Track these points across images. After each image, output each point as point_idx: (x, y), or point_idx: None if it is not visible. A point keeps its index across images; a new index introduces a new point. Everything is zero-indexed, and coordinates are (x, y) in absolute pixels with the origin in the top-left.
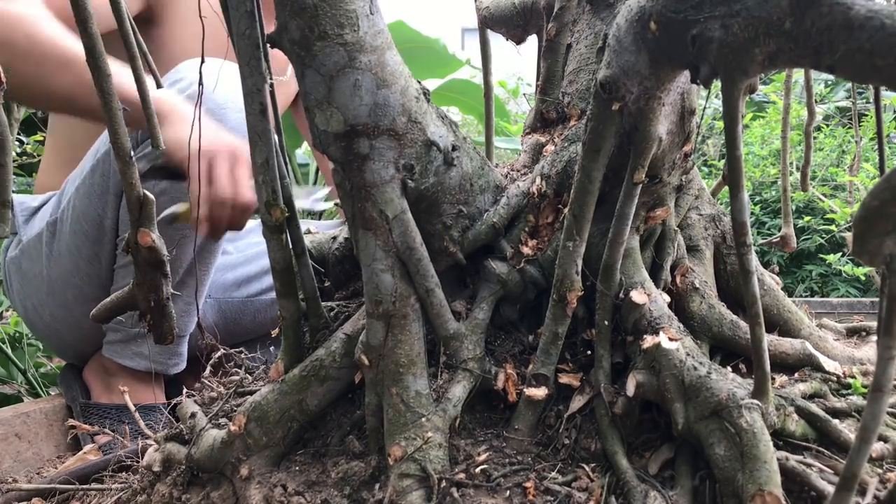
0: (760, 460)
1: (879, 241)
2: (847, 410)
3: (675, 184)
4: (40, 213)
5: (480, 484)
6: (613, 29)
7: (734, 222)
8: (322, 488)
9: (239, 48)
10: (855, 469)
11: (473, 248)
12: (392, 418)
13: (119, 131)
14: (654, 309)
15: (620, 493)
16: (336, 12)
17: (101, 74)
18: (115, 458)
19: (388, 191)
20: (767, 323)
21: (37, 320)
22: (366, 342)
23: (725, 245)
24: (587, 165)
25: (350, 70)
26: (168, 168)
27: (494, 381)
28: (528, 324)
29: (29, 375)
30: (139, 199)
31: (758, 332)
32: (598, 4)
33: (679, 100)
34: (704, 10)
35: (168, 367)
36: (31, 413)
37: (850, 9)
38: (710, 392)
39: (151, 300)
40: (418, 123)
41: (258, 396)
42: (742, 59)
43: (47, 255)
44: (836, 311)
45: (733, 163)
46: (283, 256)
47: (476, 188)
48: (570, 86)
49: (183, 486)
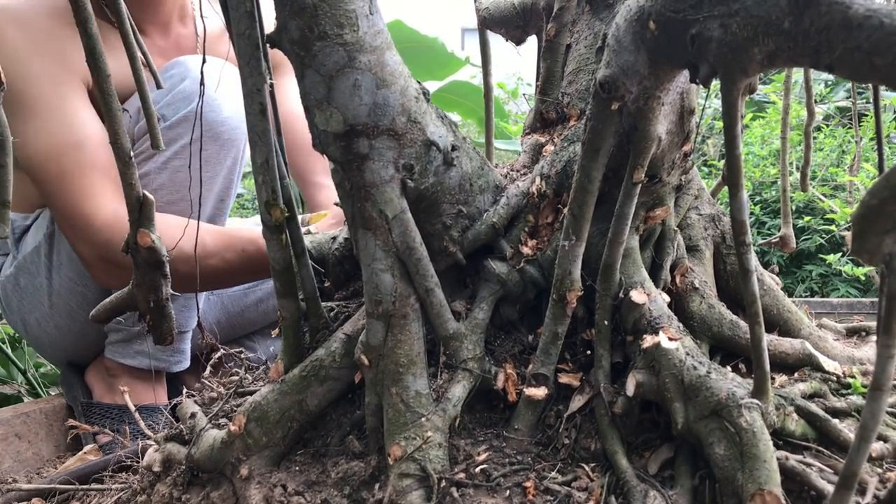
0: (760, 460)
1: (879, 240)
2: (847, 410)
3: (675, 183)
4: (33, 228)
5: (480, 484)
6: (612, 29)
7: (734, 221)
8: (322, 488)
9: (239, 48)
10: (854, 468)
11: (473, 248)
12: (392, 418)
13: (119, 131)
14: (653, 309)
15: (620, 492)
16: (336, 12)
17: (101, 74)
18: (115, 459)
19: (388, 191)
20: (767, 323)
21: (41, 335)
22: (366, 342)
23: (725, 245)
24: (586, 165)
25: (350, 70)
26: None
27: (494, 381)
28: (527, 324)
29: (29, 375)
30: (139, 199)
31: (757, 332)
32: (597, 5)
33: (678, 99)
34: (703, 10)
35: (171, 364)
36: (31, 413)
37: (848, 8)
38: (710, 392)
39: (151, 300)
40: (418, 123)
41: (258, 396)
42: (741, 59)
43: (48, 267)
44: (836, 311)
45: (733, 162)
46: (283, 256)
47: (476, 188)
48: (569, 86)
49: (183, 486)
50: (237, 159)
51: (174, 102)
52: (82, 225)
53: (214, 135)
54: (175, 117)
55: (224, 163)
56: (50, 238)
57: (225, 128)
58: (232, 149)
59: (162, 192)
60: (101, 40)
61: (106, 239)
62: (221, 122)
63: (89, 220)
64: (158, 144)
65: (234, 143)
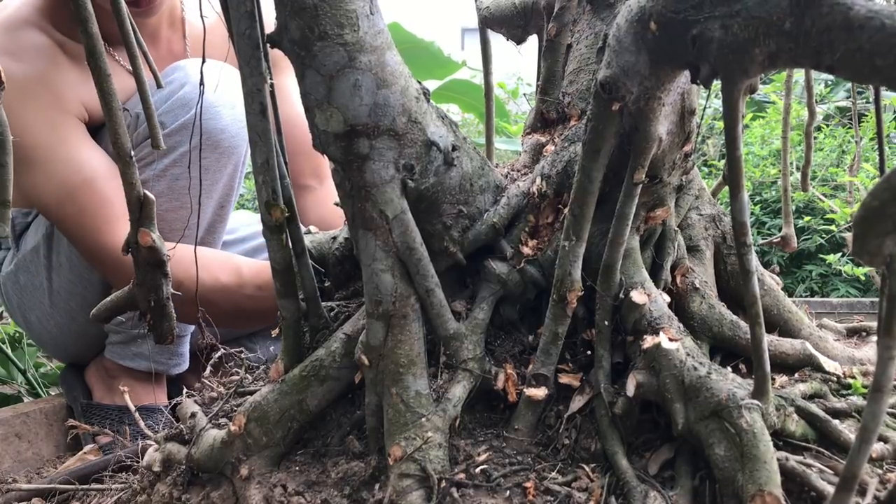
0: (760, 460)
1: (879, 242)
2: (847, 411)
3: (676, 184)
4: (33, 227)
5: (480, 484)
6: (613, 29)
7: (734, 222)
8: (322, 488)
9: (239, 48)
10: (855, 469)
11: (473, 249)
12: (392, 418)
13: (119, 131)
14: (654, 309)
15: (620, 493)
16: (336, 12)
17: (101, 74)
18: (115, 459)
19: (388, 191)
20: (767, 323)
21: (42, 332)
22: (366, 342)
23: (725, 245)
24: (587, 165)
25: (350, 70)
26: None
27: (494, 381)
28: (528, 324)
29: (29, 375)
30: (139, 199)
31: (758, 333)
32: (598, 4)
33: (679, 100)
34: (704, 11)
35: (169, 367)
36: (31, 413)
37: (850, 9)
38: (710, 392)
39: (151, 300)
40: (418, 123)
41: (258, 396)
42: (742, 60)
43: (47, 267)
44: (836, 311)
45: (733, 163)
46: (283, 256)
47: (476, 188)
48: (570, 86)
49: (183, 486)
50: (237, 166)
51: (173, 109)
52: (109, 259)
53: (214, 143)
54: (174, 125)
55: (224, 170)
56: (48, 239)
57: (225, 136)
58: (232, 156)
59: (161, 199)
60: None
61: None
62: (221, 129)
63: (113, 254)
64: (159, 144)
65: (234, 150)
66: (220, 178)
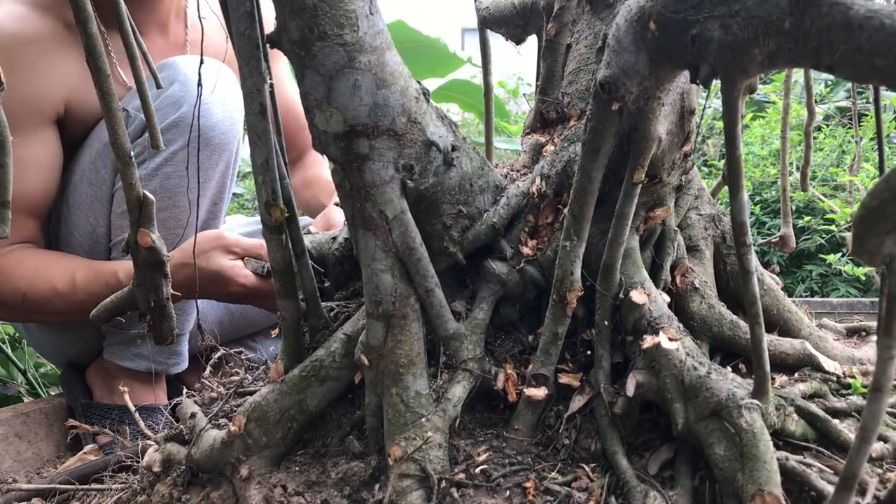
0: (760, 460)
1: (879, 241)
2: (847, 410)
3: (675, 184)
4: None
5: (480, 484)
6: (613, 29)
7: (734, 222)
8: (322, 488)
9: (239, 48)
10: (855, 469)
11: (473, 249)
12: (392, 418)
13: (119, 131)
14: (653, 309)
15: (620, 493)
16: (336, 12)
17: (101, 74)
18: (115, 459)
19: (388, 191)
20: (767, 323)
21: (40, 336)
22: (366, 342)
23: (725, 245)
24: (587, 165)
25: (350, 70)
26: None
27: (494, 381)
28: (528, 324)
29: (29, 375)
30: (139, 199)
31: (758, 332)
32: (597, 4)
33: (679, 100)
34: (704, 10)
35: (168, 366)
36: (31, 413)
37: (849, 9)
38: (710, 392)
39: (151, 300)
40: (418, 123)
41: (258, 397)
42: (741, 59)
43: None
44: (836, 311)
45: (733, 163)
46: (282, 256)
47: (476, 188)
48: (569, 86)
49: (183, 486)
50: (230, 163)
51: (162, 108)
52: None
53: (206, 140)
54: (164, 123)
55: (216, 167)
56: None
57: (216, 132)
58: (224, 153)
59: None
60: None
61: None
62: (212, 126)
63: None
64: (158, 144)
65: (225, 146)
66: (212, 176)
